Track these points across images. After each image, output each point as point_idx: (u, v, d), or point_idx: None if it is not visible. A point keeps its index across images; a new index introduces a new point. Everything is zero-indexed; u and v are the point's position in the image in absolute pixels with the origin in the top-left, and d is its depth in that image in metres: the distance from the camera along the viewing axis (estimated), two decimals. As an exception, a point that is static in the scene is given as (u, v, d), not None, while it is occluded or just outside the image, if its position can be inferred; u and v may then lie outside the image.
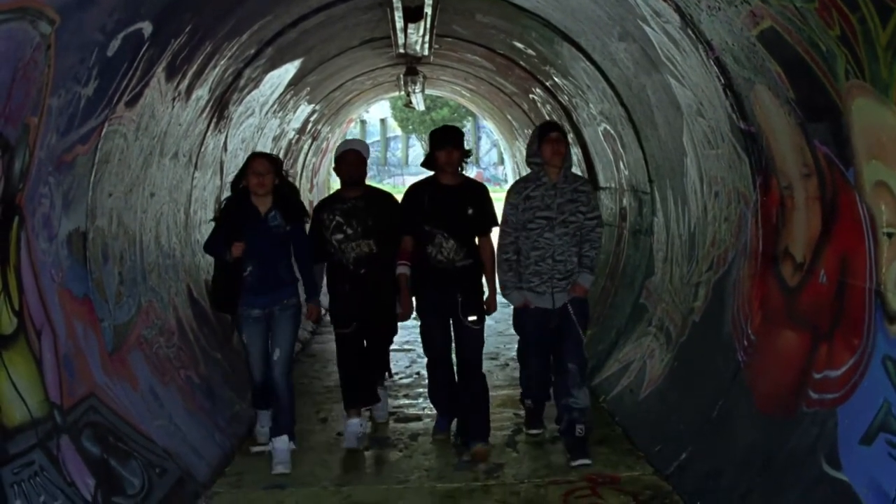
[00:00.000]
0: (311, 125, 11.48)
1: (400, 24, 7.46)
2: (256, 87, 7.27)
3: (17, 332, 3.40)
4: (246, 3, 5.43)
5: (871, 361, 3.31)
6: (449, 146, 5.23)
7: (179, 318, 5.90)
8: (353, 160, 5.42)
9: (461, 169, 5.35)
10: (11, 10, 2.91)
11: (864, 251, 3.39)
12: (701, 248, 5.64)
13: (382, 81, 12.03)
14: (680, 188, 6.01)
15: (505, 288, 5.28)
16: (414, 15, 7.15)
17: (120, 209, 4.89)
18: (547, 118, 9.16)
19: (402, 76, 11.07)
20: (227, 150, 7.32)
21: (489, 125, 22.79)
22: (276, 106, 8.50)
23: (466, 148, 5.39)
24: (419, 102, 14.59)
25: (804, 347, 3.95)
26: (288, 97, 8.76)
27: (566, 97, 8.38)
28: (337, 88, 10.94)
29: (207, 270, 6.38)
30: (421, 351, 5.76)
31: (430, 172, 5.41)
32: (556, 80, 8.26)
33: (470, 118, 36.45)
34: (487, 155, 42.42)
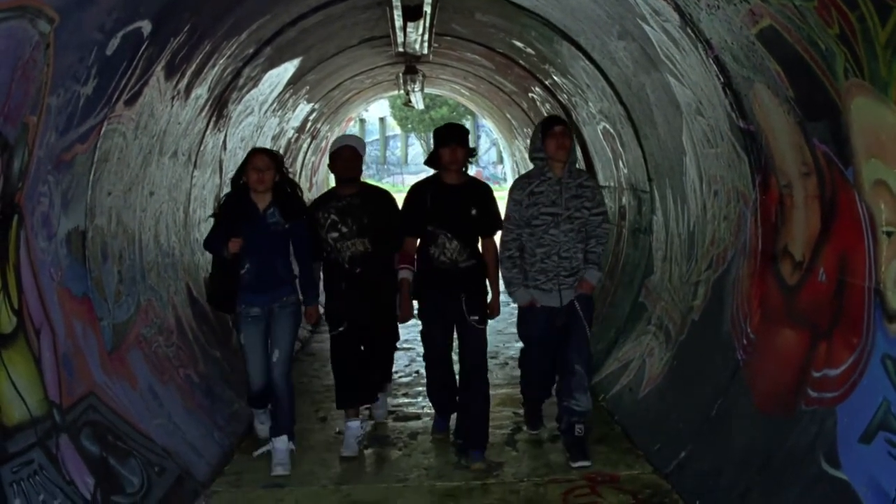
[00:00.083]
0: (310, 124, 11.47)
1: (399, 22, 7.45)
2: (255, 85, 7.26)
3: (16, 331, 3.40)
4: (245, 2, 5.42)
5: (870, 360, 3.31)
6: (453, 143, 5.08)
7: (178, 316, 5.89)
8: (348, 156, 5.26)
9: (465, 168, 5.21)
10: (11, 8, 2.91)
11: (863, 250, 3.39)
12: (700, 246, 5.63)
13: (381, 80, 12.02)
14: (679, 187, 6.00)
15: (510, 285, 5.14)
16: (413, 14, 7.14)
17: (119, 208, 4.88)
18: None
19: (401, 75, 11.07)
20: (226, 148, 7.31)
21: (488, 124, 22.80)
22: (275, 105, 8.49)
23: (471, 146, 5.24)
24: (418, 101, 14.59)
25: (803, 346, 3.95)
26: (287, 96, 8.76)
27: (565, 96, 8.38)
28: (336, 87, 10.93)
29: (206, 269, 6.34)
30: (420, 349, 5.70)
31: (431, 171, 5.30)
32: (555, 78, 8.26)
33: (469, 117, 36.41)
34: (487, 154, 42.40)
